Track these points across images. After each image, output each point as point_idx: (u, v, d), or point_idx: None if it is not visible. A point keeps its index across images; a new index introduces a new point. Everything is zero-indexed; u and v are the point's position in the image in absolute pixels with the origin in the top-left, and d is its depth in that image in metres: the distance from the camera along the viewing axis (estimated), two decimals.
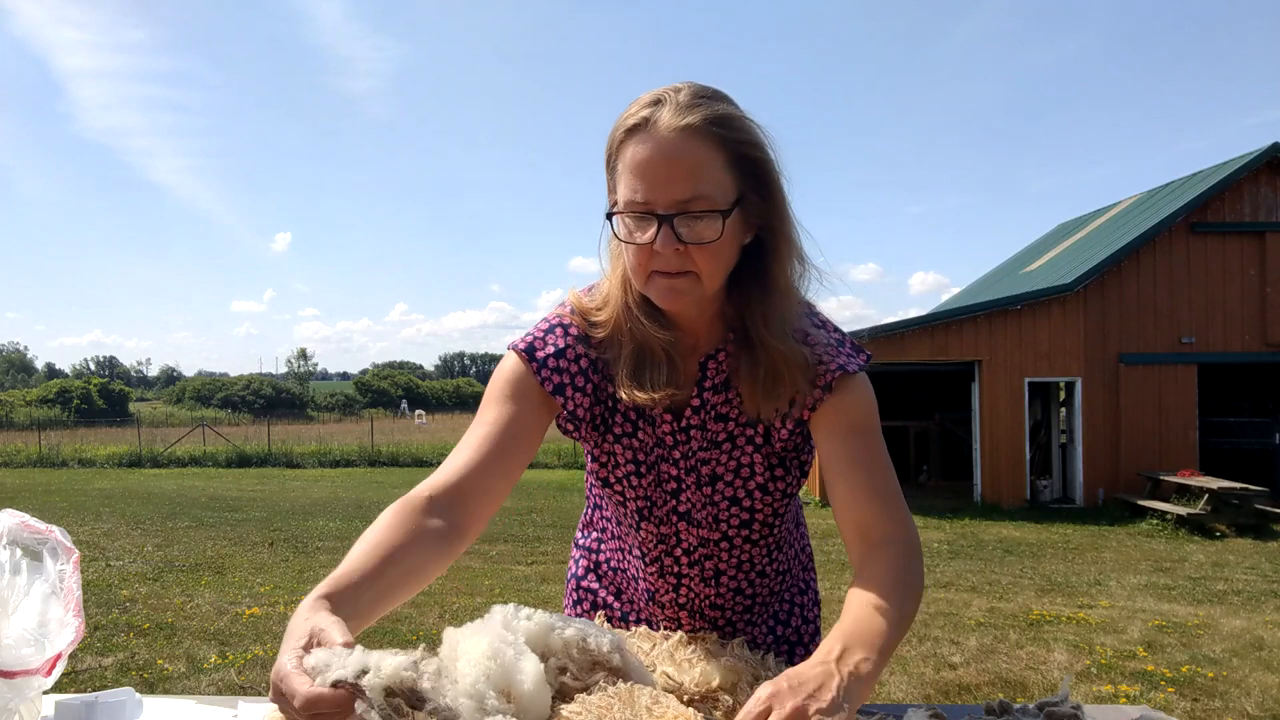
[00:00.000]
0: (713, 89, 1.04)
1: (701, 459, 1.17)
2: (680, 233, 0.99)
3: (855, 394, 1.12)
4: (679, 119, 0.98)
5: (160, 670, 4.72)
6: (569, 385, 1.13)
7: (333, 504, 13.70)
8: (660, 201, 0.98)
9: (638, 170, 0.99)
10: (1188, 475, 12.37)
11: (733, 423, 1.15)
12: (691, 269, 1.01)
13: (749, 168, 1.03)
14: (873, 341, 13.89)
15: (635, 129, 1.00)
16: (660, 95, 1.01)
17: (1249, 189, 13.70)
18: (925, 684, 4.71)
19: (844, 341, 1.15)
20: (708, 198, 0.98)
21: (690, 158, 0.98)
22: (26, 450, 24.30)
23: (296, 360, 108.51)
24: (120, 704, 1.07)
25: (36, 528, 1.04)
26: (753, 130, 1.03)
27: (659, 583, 1.26)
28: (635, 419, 1.16)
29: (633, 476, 1.19)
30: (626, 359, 1.11)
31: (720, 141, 0.99)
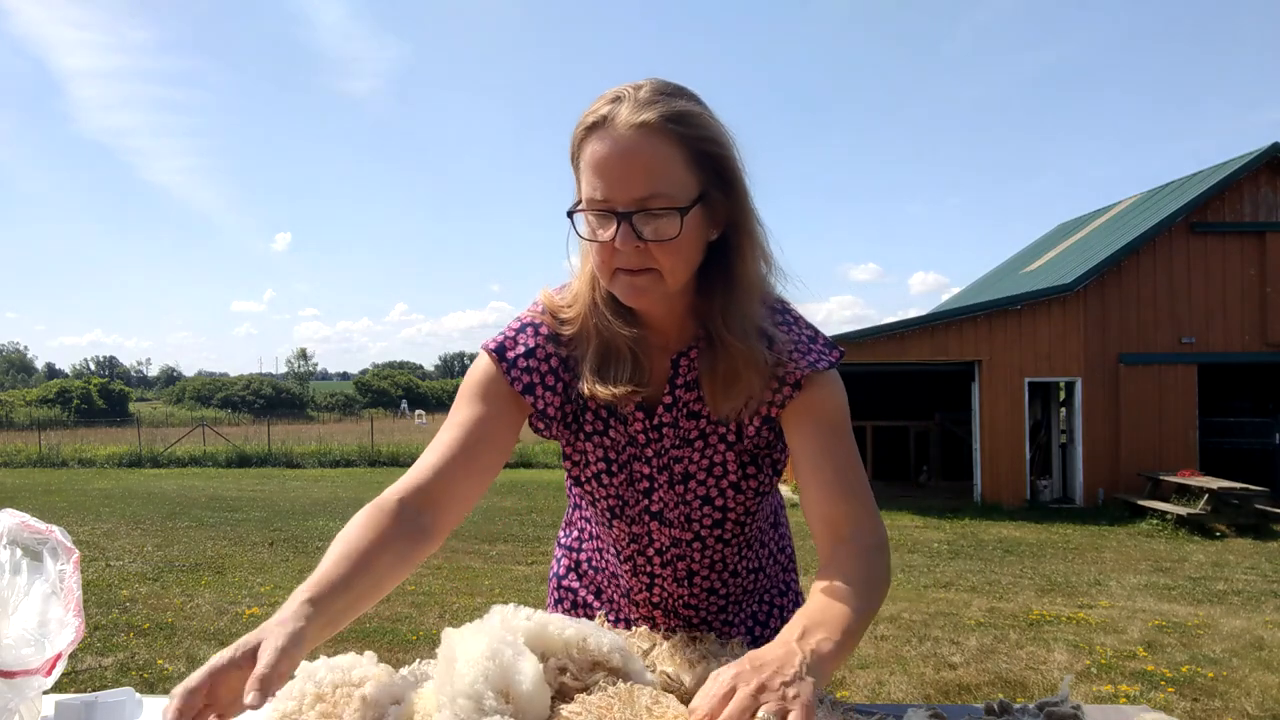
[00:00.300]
0: (675, 86, 1.03)
1: (674, 457, 1.16)
2: (640, 230, 0.99)
3: (825, 391, 1.11)
4: (636, 116, 0.98)
5: (160, 670, 4.72)
6: (539, 384, 1.13)
7: (333, 504, 13.70)
8: (619, 199, 0.99)
9: (597, 168, 0.99)
10: (1188, 475, 12.37)
11: (705, 420, 1.14)
12: (653, 266, 1.01)
13: (710, 165, 1.02)
14: (873, 341, 13.89)
15: (594, 126, 1.00)
16: (620, 92, 1.01)
17: (1249, 189, 13.70)
18: (925, 684, 4.71)
19: (816, 339, 1.15)
20: (667, 195, 0.98)
21: (648, 155, 0.98)
22: (26, 450, 24.29)
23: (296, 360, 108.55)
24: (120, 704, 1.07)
25: (37, 528, 1.04)
26: (713, 127, 1.02)
27: (633, 581, 1.26)
28: (607, 417, 1.16)
29: (604, 475, 1.18)
30: (592, 355, 1.12)
31: (679, 139, 0.99)
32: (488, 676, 0.81)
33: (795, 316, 1.16)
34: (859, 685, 4.64)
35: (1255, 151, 13.59)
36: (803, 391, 1.10)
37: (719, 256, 1.08)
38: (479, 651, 0.83)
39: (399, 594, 6.84)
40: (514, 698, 0.82)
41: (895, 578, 7.97)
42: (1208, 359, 13.64)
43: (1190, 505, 11.45)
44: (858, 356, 13.96)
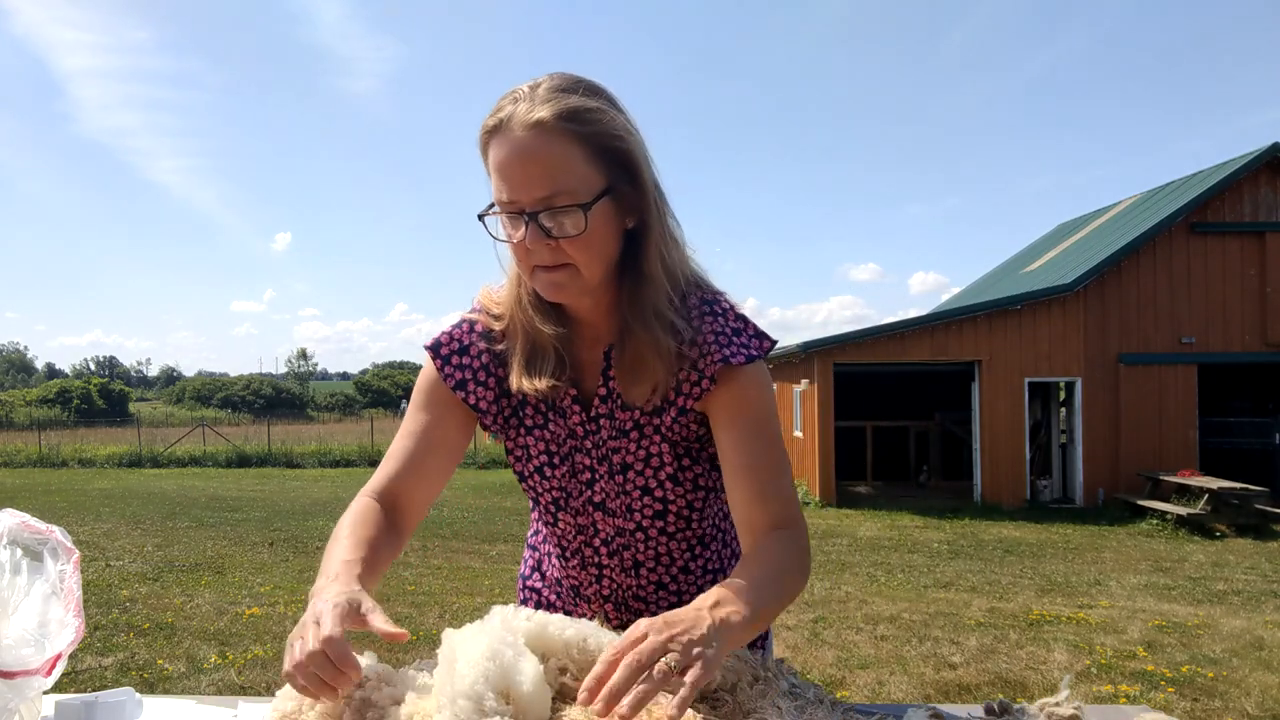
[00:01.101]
0: (574, 80, 1.04)
1: (612, 448, 1.17)
2: (547, 228, 1.01)
3: (745, 386, 1.11)
4: (531, 115, 0.99)
5: (160, 670, 4.72)
6: (470, 380, 1.17)
7: (333, 504, 13.70)
8: (524, 199, 1.00)
9: (500, 170, 1.01)
10: (1188, 475, 12.37)
11: (638, 411, 1.15)
12: (567, 261, 1.03)
13: (613, 158, 1.03)
14: (873, 341, 13.90)
15: (494, 130, 1.01)
16: (517, 93, 1.02)
17: (1249, 189, 13.70)
18: (925, 684, 4.71)
19: (742, 331, 1.14)
20: (569, 192, 1.00)
21: (545, 155, 0.99)
22: (26, 450, 24.30)
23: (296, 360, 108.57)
24: (120, 704, 1.07)
25: (37, 528, 1.04)
26: (612, 120, 1.03)
27: (581, 575, 1.26)
28: (546, 411, 1.18)
29: (546, 468, 1.20)
30: (519, 351, 1.14)
31: (576, 135, 1.00)
32: (488, 677, 0.81)
33: (725, 308, 1.15)
34: (859, 685, 4.64)
35: (1255, 151, 13.59)
36: (720, 385, 1.10)
37: (632, 247, 1.09)
38: (479, 652, 0.83)
39: (399, 594, 6.84)
40: (514, 698, 0.82)
41: (895, 578, 7.97)
42: (1208, 359, 13.64)
43: (1190, 505, 11.45)
44: (858, 356, 13.96)
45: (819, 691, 1.02)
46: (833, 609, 6.49)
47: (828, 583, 7.57)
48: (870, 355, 13.98)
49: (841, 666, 4.98)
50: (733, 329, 1.13)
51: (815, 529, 11.26)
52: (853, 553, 9.42)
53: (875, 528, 11.50)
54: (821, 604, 6.66)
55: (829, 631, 5.77)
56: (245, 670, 4.74)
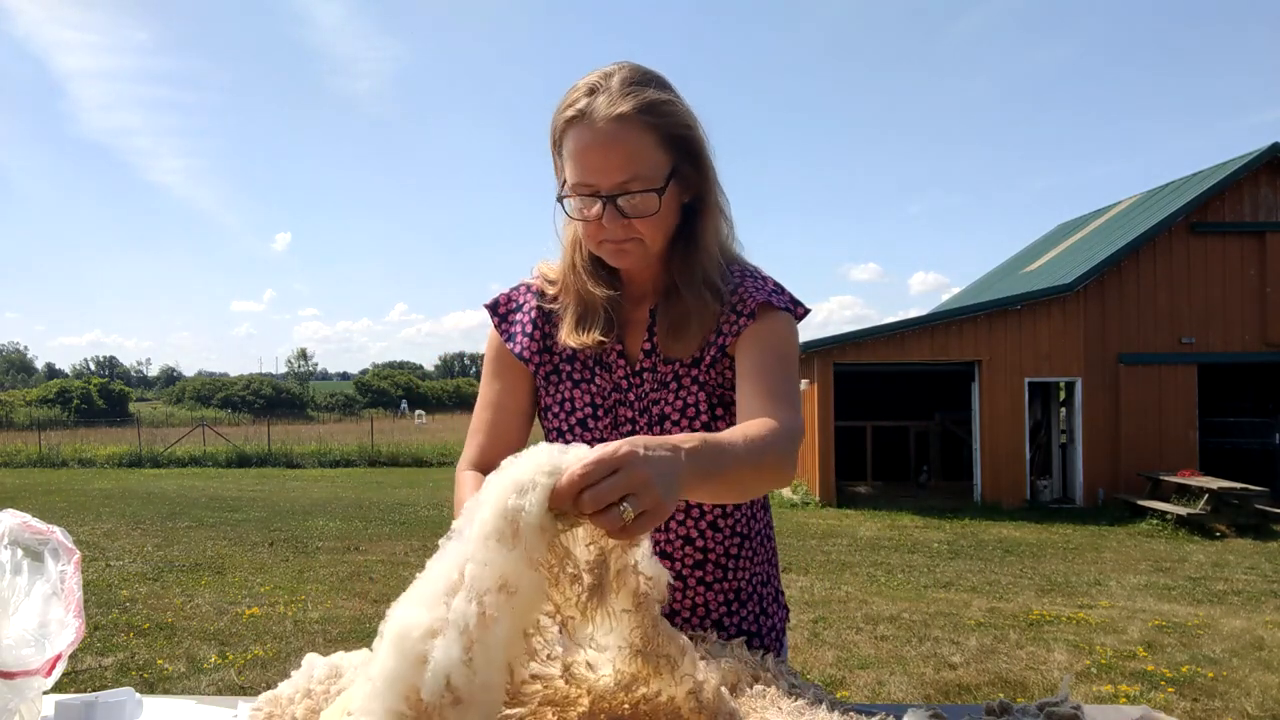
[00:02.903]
0: (644, 73, 1.14)
1: (653, 399, 1.24)
2: (623, 209, 1.12)
3: (776, 323, 1.20)
4: (613, 109, 1.09)
5: (160, 670, 4.73)
6: (520, 333, 1.29)
7: (333, 504, 13.70)
8: (602, 184, 1.11)
9: (580, 157, 1.11)
10: (1188, 475, 12.37)
11: (678, 363, 1.23)
12: (636, 236, 1.15)
13: (679, 144, 1.14)
14: (873, 341, 13.90)
15: (574, 119, 1.11)
16: (594, 84, 1.11)
17: (1249, 189, 13.70)
18: (925, 684, 4.71)
19: (781, 292, 1.26)
20: (644, 177, 1.11)
21: (625, 144, 1.09)
22: (26, 450, 24.29)
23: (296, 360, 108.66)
24: (120, 704, 1.07)
25: (38, 528, 1.04)
26: (680, 110, 1.14)
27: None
28: (593, 365, 1.26)
29: (590, 420, 1.26)
30: (572, 310, 1.25)
31: (651, 125, 1.10)
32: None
33: (766, 277, 1.27)
34: (859, 685, 4.64)
35: (1255, 151, 13.59)
36: (755, 321, 1.20)
37: (686, 218, 1.21)
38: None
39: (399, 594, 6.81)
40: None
41: (895, 578, 7.97)
42: (1208, 359, 13.64)
43: (1190, 505, 11.45)
44: (858, 356, 13.96)
45: (819, 691, 1.02)
46: (833, 609, 6.49)
47: (828, 583, 7.57)
48: (870, 355, 13.98)
49: (841, 666, 4.98)
50: (773, 288, 1.25)
51: (815, 529, 11.26)
52: (853, 553, 9.42)
53: (875, 528, 11.50)
54: (821, 604, 6.66)
55: (829, 631, 5.77)
56: (245, 670, 4.74)
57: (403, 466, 22.26)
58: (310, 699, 0.97)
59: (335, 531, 10.53)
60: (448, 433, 31.24)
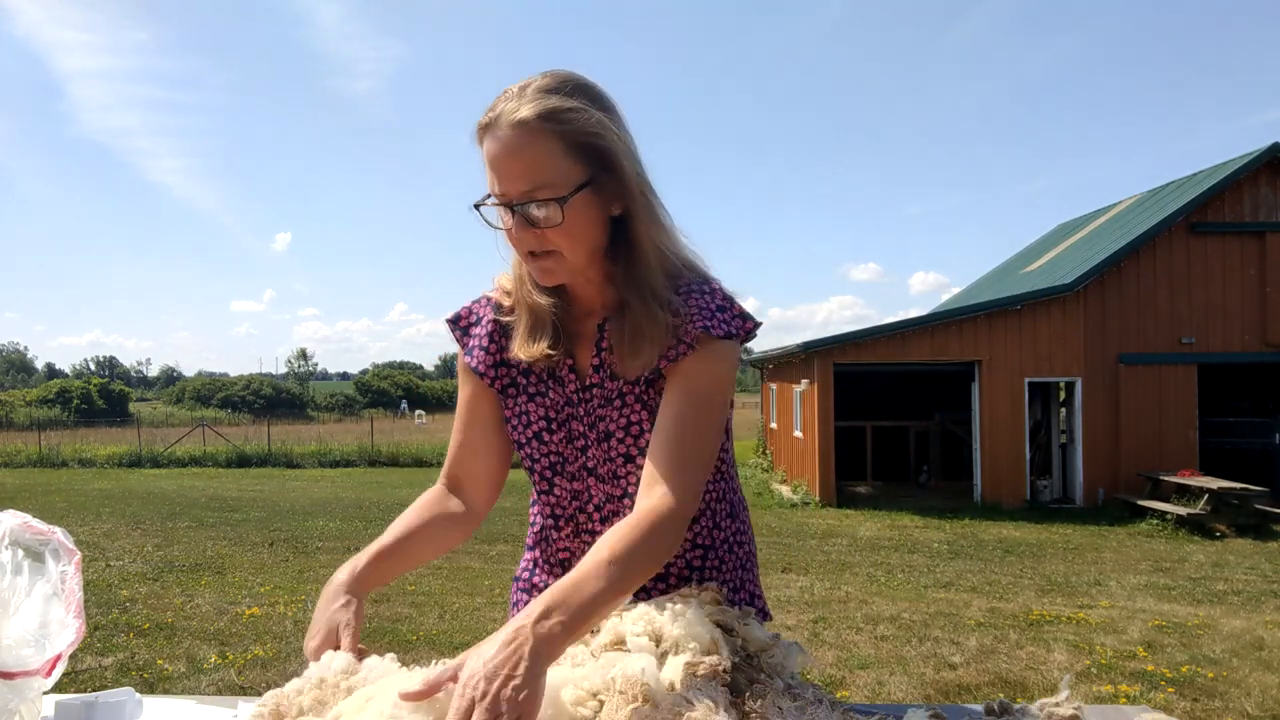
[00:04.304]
0: (562, 79, 1.12)
1: (599, 415, 1.23)
2: (532, 218, 1.10)
3: (704, 357, 1.17)
4: (515, 115, 1.08)
5: (160, 670, 4.73)
6: (477, 346, 1.29)
7: (333, 504, 13.70)
8: (510, 193, 1.10)
9: (490, 165, 1.11)
10: (1188, 475, 12.37)
11: (623, 380, 1.21)
12: (553, 248, 1.13)
13: (591, 153, 1.11)
14: (873, 341, 13.90)
15: (486, 127, 1.11)
16: (508, 92, 1.11)
17: (1249, 189, 13.70)
18: (925, 684, 4.71)
19: (726, 309, 1.20)
20: (548, 186, 1.09)
21: (527, 152, 1.08)
22: (26, 450, 24.29)
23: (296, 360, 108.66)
24: (120, 704, 1.07)
25: (39, 529, 1.04)
26: (589, 119, 1.10)
27: (574, 544, 1.30)
28: (546, 379, 1.26)
29: (544, 433, 1.26)
30: (523, 322, 1.24)
31: (554, 133, 1.08)
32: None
33: (714, 289, 1.22)
34: (859, 685, 4.64)
35: (1255, 151, 13.59)
36: (693, 352, 1.16)
37: (623, 231, 1.18)
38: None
39: (399, 594, 6.84)
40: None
41: (895, 578, 7.98)
42: (1208, 359, 13.64)
43: (1190, 505, 11.45)
44: (858, 356, 13.97)
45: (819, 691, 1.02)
46: (833, 609, 6.49)
47: (828, 583, 7.57)
48: (870, 355, 13.98)
49: (841, 666, 4.98)
50: (717, 305, 1.19)
51: (815, 529, 11.26)
52: (853, 553, 9.42)
53: (875, 528, 11.50)
54: (821, 604, 6.66)
55: (829, 631, 5.77)
56: (245, 670, 4.74)
57: (403, 466, 22.26)
58: (320, 689, 0.98)
59: (335, 531, 10.53)
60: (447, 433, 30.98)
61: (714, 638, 1.04)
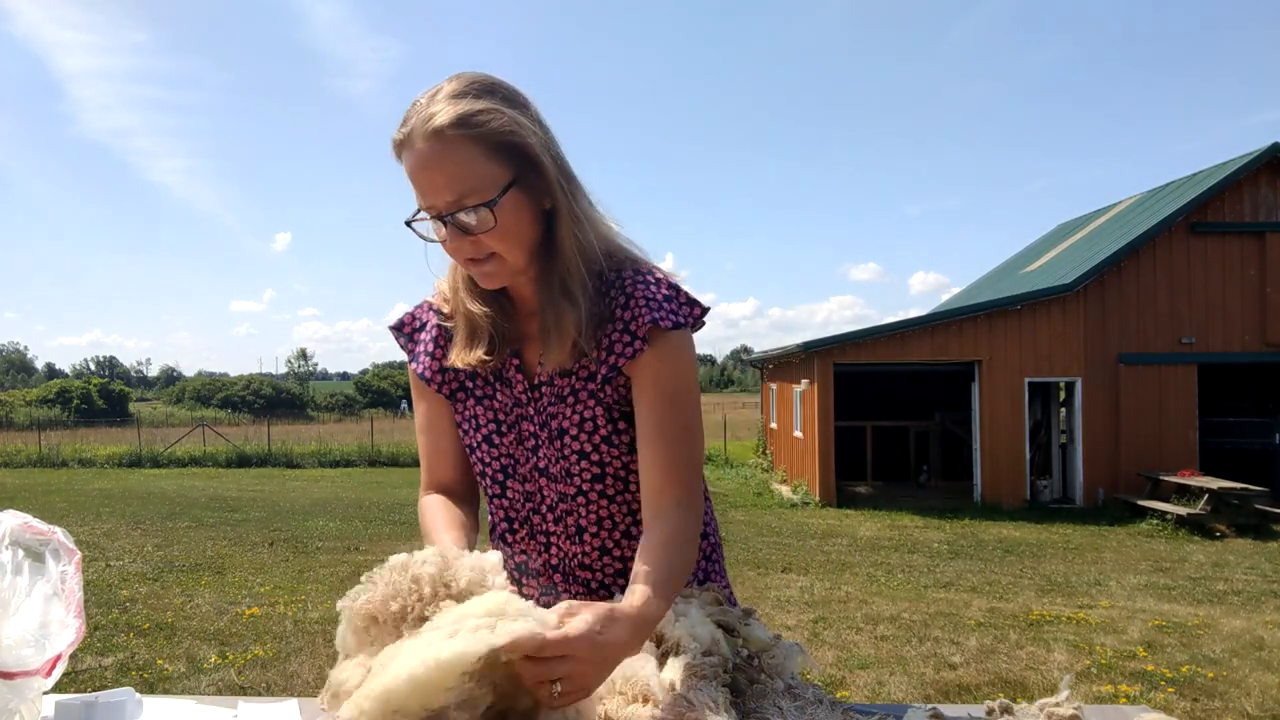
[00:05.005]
0: (468, 82, 1.10)
1: (551, 414, 1.23)
2: (462, 226, 1.10)
3: (663, 352, 1.17)
4: (426, 127, 1.06)
5: (160, 670, 4.73)
6: (423, 352, 1.29)
7: (333, 504, 13.70)
8: (437, 204, 1.09)
9: (412, 181, 1.10)
10: (1188, 475, 12.37)
11: (574, 377, 1.21)
12: (490, 251, 1.12)
13: (511, 152, 1.10)
14: (873, 341, 13.90)
15: (401, 144, 1.10)
16: (416, 105, 1.10)
17: (1249, 189, 13.70)
18: (925, 684, 4.71)
19: (673, 298, 1.20)
20: (474, 192, 1.08)
21: (446, 162, 1.07)
22: (26, 450, 24.28)
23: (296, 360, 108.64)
24: (120, 704, 1.07)
25: (39, 529, 1.04)
26: (502, 118, 1.09)
27: (530, 545, 1.30)
28: (494, 381, 1.26)
29: (495, 435, 1.26)
30: (460, 329, 1.24)
31: (470, 138, 1.07)
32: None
33: (658, 279, 1.21)
34: (859, 685, 4.64)
35: (1255, 151, 13.59)
36: (650, 348, 1.16)
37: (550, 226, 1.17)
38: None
39: None
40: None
41: (895, 578, 7.97)
42: (1208, 359, 13.64)
43: (1190, 505, 11.45)
44: (858, 356, 13.96)
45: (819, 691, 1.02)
46: (833, 609, 6.49)
47: (828, 583, 7.57)
48: (870, 355, 13.98)
49: (841, 666, 4.98)
50: (664, 295, 1.19)
51: (815, 529, 11.26)
52: (853, 553, 9.41)
53: (875, 528, 11.50)
54: (821, 604, 6.66)
55: (829, 631, 5.77)
56: (245, 670, 4.74)
57: (403, 466, 22.25)
58: (401, 598, 0.98)
59: (335, 531, 10.53)
60: None
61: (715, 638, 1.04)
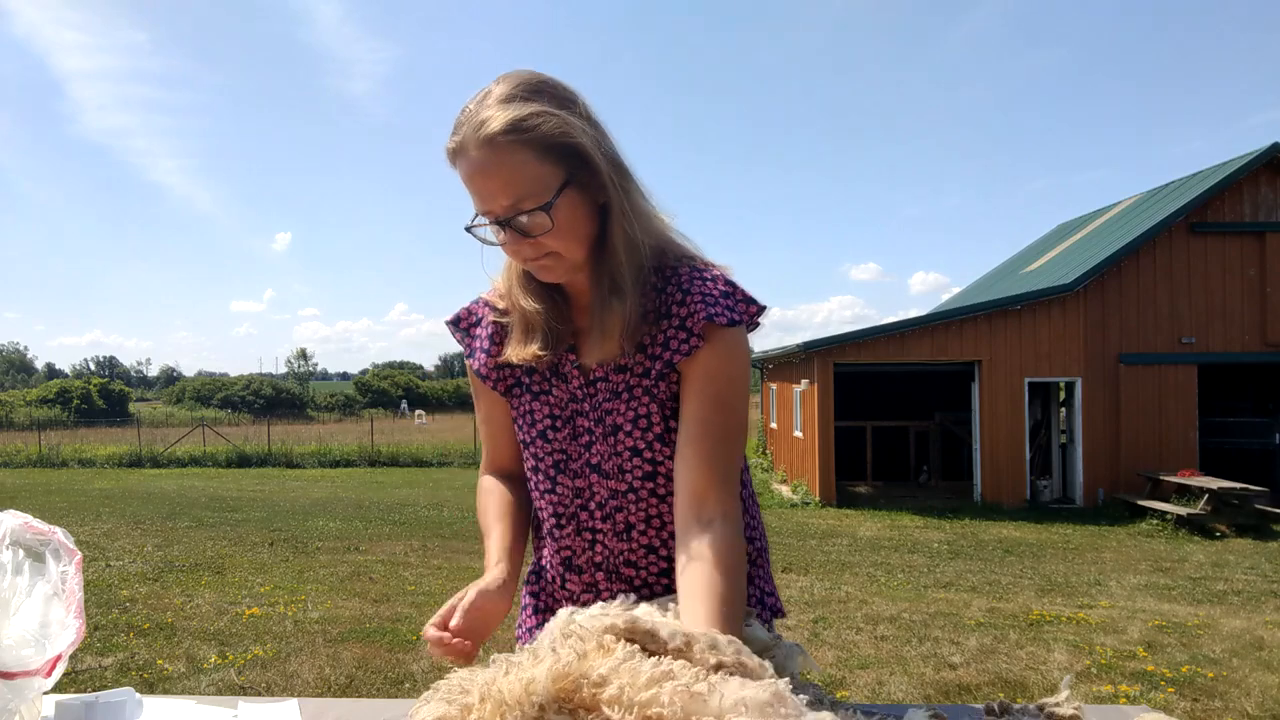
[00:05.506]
0: (516, 84, 1.11)
1: (606, 410, 1.23)
2: (521, 230, 1.12)
3: (716, 349, 1.17)
4: (478, 135, 1.08)
5: (160, 670, 4.73)
6: (479, 349, 1.31)
7: (333, 504, 13.70)
8: (495, 210, 1.11)
9: (468, 188, 1.12)
10: (1188, 475, 12.37)
11: (629, 374, 1.22)
12: (550, 250, 1.14)
13: (563, 152, 1.10)
14: (873, 341, 13.90)
15: (455, 153, 1.11)
16: (466, 111, 1.11)
17: (1249, 189, 13.70)
18: (925, 684, 4.71)
19: (730, 294, 1.20)
20: (530, 196, 1.09)
21: (500, 169, 1.08)
22: (26, 450, 24.30)
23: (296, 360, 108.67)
24: (120, 704, 1.07)
25: (39, 529, 1.04)
26: (552, 120, 1.10)
27: (575, 541, 1.29)
28: (550, 377, 1.27)
29: (550, 431, 1.27)
30: (516, 325, 1.26)
31: (523, 143, 1.08)
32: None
33: (714, 275, 1.21)
34: (859, 685, 4.64)
35: (1255, 151, 13.59)
36: (706, 345, 1.16)
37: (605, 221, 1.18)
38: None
39: (399, 594, 6.84)
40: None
41: (895, 578, 7.98)
42: (1208, 359, 13.64)
43: (1190, 505, 11.45)
44: (858, 356, 13.96)
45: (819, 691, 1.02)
46: (833, 609, 6.49)
47: (828, 583, 7.57)
48: (870, 355, 13.98)
49: (841, 666, 4.98)
50: (721, 291, 1.19)
51: (815, 529, 11.26)
52: (853, 553, 9.42)
53: (875, 528, 11.50)
54: (821, 604, 6.66)
55: (829, 631, 5.77)
56: (245, 670, 4.74)
57: (403, 466, 22.26)
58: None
59: (335, 531, 10.53)
60: (448, 433, 31.23)
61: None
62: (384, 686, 4.47)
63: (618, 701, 0.71)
